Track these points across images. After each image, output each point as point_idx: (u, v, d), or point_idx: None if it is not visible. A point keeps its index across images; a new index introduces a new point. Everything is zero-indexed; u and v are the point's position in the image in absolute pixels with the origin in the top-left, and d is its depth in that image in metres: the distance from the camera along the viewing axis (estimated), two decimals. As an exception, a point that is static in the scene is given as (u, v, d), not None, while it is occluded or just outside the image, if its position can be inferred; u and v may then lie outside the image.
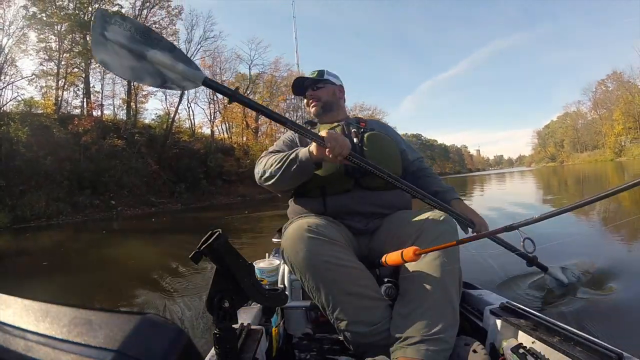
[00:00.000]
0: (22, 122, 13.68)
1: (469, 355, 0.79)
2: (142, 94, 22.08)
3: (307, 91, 1.31)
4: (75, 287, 2.91)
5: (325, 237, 0.88)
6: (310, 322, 1.04)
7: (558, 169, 36.41)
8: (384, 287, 0.91)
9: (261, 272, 1.35)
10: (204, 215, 10.77)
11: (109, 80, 21.06)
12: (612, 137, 43.76)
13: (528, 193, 8.80)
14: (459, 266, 0.89)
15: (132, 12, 20.67)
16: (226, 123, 27.95)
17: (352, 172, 1.07)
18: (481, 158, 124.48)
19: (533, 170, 43.15)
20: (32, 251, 5.87)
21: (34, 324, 0.23)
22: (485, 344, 0.86)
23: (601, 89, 46.83)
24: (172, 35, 22.54)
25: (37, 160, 12.86)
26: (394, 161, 1.16)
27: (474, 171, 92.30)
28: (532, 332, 0.75)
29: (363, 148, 1.11)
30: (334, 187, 1.08)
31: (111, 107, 21.51)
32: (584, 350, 0.65)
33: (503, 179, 16.34)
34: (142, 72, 0.87)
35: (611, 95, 44.68)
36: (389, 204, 1.10)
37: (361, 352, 0.86)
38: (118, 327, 0.22)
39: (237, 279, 0.64)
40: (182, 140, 22.00)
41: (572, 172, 21.18)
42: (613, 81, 44.19)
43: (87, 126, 15.90)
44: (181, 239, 5.32)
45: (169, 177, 17.75)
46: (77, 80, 19.13)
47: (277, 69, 30.07)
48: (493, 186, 13.12)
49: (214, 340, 0.64)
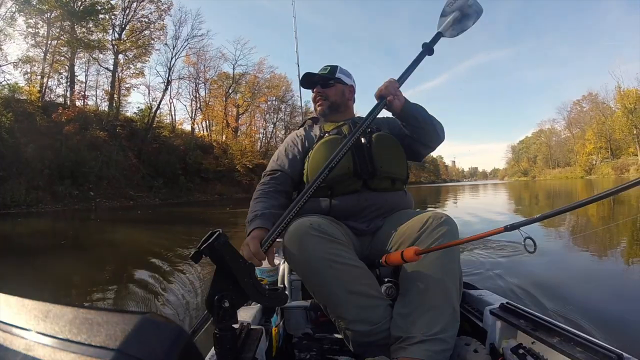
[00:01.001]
0: (5, 107, 13.57)
1: (469, 355, 0.79)
2: (125, 86, 22.13)
3: (316, 87, 1.28)
4: (104, 258, 3.74)
5: (328, 235, 0.88)
6: (310, 322, 1.04)
7: (530, 183, 38.31)
8: (385, 287, 0.91)
9: (261, 272, 1.35)
10: (186, 210, 11.17)
11: (94, 70, 21.13)
12: (584, 155, 45.29)
13: (500, 204, 9.44)
14: (459, 266, 0.89)
15: (121, 4, 20.65)
16: (207, 121, 27.97)
17: (360, 173, 1.07)
18: (456, 169, 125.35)
19: (506, 183, 45.53)
20: (43, 233, 6.31)
21: (34, 323, 0.23)
22: (485, 344, 0.86)
23: (576, 109, 48.69)
24: (159, 29, 22.55)
25: (19, 147, 12.82)
26: (400, 162, 1.14)
27: (448, 181, 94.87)
28: (532, 333, 0.75)
29: (371, 149, 1.10)
30: (342, 187, 1.07)
31: (94, 98, 21.52)
32: (584, 351, 0.64)
33: (477, 190, 16.72)
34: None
35: (585, 115, 46.45)
36: (392, 204, 1.10)
37: (361, 352, 0.86)
38: (118, 326, 0.22)
39: (237, 279, 0.64)
40: (162, 135, 22.07)
41: (544, 186, 22.24)
42: (589, 102, 45.92)
43: (71, 116, 15.88)
44: (170, 229, 6.23)
45: (148, 172, 17.88)
46: (61, 69, 19.05)
47: (261, 71, 30.15)
48: (466, 197, 13.47)
49: (214, 340, 0.63)
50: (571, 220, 4.96)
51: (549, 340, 0.70)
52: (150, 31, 22.29)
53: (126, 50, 21.80)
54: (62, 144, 14.48)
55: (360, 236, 1.06)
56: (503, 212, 7.06)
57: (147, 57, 22.48)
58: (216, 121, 28.43)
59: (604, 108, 42.11)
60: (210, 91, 28.39)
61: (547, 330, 0.74)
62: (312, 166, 1.10)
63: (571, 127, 50.17)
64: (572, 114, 49.18)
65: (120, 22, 21.22)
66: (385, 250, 0.98)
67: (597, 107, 42.84)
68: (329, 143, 1.11)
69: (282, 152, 1.22)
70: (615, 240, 3.53)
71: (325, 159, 1.04)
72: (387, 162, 1.09)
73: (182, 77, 25.49)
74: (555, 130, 56.76)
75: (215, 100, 28.66)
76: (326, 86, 1.26)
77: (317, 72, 1.29)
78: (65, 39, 18.27)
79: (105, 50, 20.88)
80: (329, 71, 1.27)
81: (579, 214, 5.27)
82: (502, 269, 2.44)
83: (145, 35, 22.17)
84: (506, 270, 2.41)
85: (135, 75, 22.45)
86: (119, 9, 20.69)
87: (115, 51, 21.20)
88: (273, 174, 1.17)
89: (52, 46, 18.10)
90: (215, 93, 28.68)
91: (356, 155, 1.08)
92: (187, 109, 27.67)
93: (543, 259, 2.67)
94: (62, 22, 18.01)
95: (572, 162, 50.26)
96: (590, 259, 2.88)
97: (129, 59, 22.10)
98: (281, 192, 1.14)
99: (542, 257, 2.70)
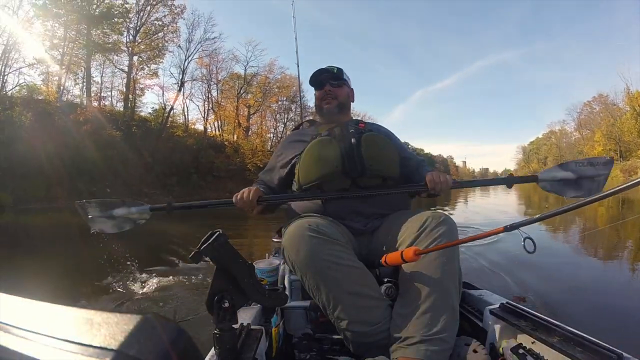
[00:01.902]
0: (24, 107, 14.23)
1: (469, 355, 0.79)
2: (139, 87, 22.61)
3: (326, 85, 1.27)
4: (147, 243, 4.10)
5: (326, 236, 0.88)
6: (310, 322, 1.03)
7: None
8: (384, 287, 0.91)
9: (261, 272, 1.35)
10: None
11: (109, 71, 21.67)
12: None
13: (510, 204, 9.54)
14: (459, 266, 0.89)
15: (135, 8, 21.11)
16: (219, 120, 28.51)
17: (349, 172, 1.07)
18: (467, 170, 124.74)
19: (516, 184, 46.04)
20: (67, 225, 6.51)
21: (34, 324, 0.23)
22: (485, 344, 0.86)
23: (587, 110, 48.20)
24: (173, 32, 23.00)
25: (39, 145, 13.31)
26: (390, 162, 1.14)
27: None
28: (532, 333, 0.75)
29: (360, 149, 1.10)
30: (332, 187, 1.08)
31: (109, 99, 22.19)
32: (584, 351, 0.64)
33: (487, 190, 16.83)
34: (120, 224, 1.23)
35: (595, 116, 45.99)
36: (387, 203, 1.10)
37: (361, 352, 0.86)
38: (118, 327, 0.22)
39: (237, 279, 0.64)
40: (175, 135, 22.53)
41: None
42: (599, 103, 45.52)
43: (88, 116, 16.56)
44: (189, 221, 6.28)
45: (162, 170, 18.33)
46: (78, 70, 19.68)
47: (272, 71, 30.51)
48: (476, 197, 13.53)
49: (214, 340, 0.63)
50: (579, 219, 4.93)
51: (549, 340, 0.70)
52: (164, 34, 22.82)
53: (140, 52, 22.32)
54: (79, 143, 14.99)
55: (359, 236, 1.06)
56: (511, 211, 7.29)
57: (161, 58, 23.05)
58: (228, 121, 28.96)
59: (613, 110, 41.76)
60: (222, 92, 28.95)
61: (547, 330, 0.74)
62: (302, 167, 1.12)
63: (581, 128, 49.62)
64: (582, 115, 48.41)
65: (135, 24, 21.70)
66: (384, 250, 0.98)
67: (606, 109, 42.52)
68: (320, 144, 1.12)
69: (272, 164, 1.29)
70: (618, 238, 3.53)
71: (315, 159, 1.09)
72: (376, 161, 1.09)
73: (195, 78, 25.99)
74: (565, 131, 56.04)
75: (227, 101, 29.24)
76: (336, 85, 1.27)
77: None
78: (82, 42, 18.91)
79: (120, 52, 21.47)
80: (337, 71, 1.28)
81: (583, 214, 5.25)
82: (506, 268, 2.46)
83: (158, 38, 22.69)
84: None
85: (149, 76, 22.99)
86: (133, 12, 21.18)
87: (130, 53, 21.70)
88: (262, 180, 1.29)
89: (70, 48, 18.68)
90: (227, 94, 29.27)
91: (345, 154, 1.08)
92: (199, 109, 27.97)
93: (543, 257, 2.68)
94: (79, 25, 18.60)
95: (582, 164, 50.37)
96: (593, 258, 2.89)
97: (143, 60, 22.62)
98: (267, 189, 1.23)
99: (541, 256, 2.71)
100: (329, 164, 1.06)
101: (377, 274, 0.96)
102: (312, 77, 1.29)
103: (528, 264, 2.52)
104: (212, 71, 26.92)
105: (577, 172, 1.11)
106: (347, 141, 1.10)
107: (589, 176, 1.10)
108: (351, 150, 1.09)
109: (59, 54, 18.31)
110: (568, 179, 1.11)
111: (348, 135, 1.13)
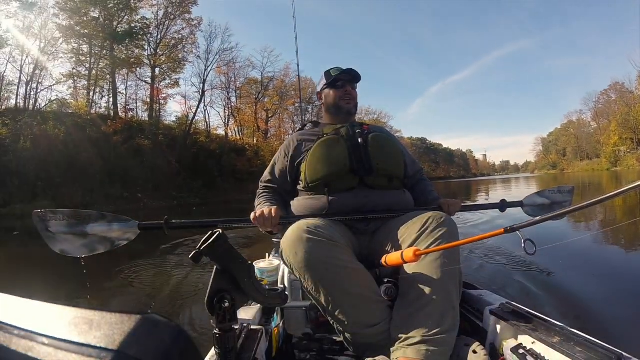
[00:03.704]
0: (57, 121, 15.71)
1: (469, 355, 0.79)
2: (162, 96, 23.83)
3: (346, 86, 1.30)
4: (146, 241, 3.95)
5: (325, 238, 0.88)
6: (310, 322, 1.03)
7: (558, 176, 37.94)
8: (384, 287, 0.91)
9: (261, 272, 1.35)
10: (228, 205, 12.99)
11: (133, 83, 22.91)
12: (609, 147, 44.81)
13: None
14: (460, 267, 0.89)
15: (154, 22, 22.27)
16: (239, 125, 29.69)
17: (357, 170, 1.09)
18: (487, 163, 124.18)
19: (536, 176, 44.97)
20: None
21: (34, 324, 0.23)
22: (485, 344, 0.86)
23: (603, 99, 47.64)
24: (191, 44, 24.19)
25: (73, 156, 14.88)
26: (396, 161, 1.18)
27: (478, 176, 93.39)
28: (532, 333, 0.75)
29: (368, 148, 1.13)
30: (339, 184, 1.09)
31: (135, 109, 23.49)
32: (584, 351, 0.64)
33: (508, 183, 16.80)
34: (93, 245, 1.02)
35: (612, 105, 45.43)
36: (390, 203, 1.10)
37: (361, 353, 0.86)
38: (118, 327, 0.22)
39: (237, 279, 0.64)
40: (199, 141, 23.82)
41: (572, 179, 22.19)
42: (615, 92, 44.90)
43: (118, 127, 18.09)
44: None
45: (188, 174, 19.62)
46: (103, 83, 21.05)
47: (287, 75, 31.56)
48: (498, 190, 13.62)
49: (214, 340, 0.63)
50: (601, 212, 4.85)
51: (549, 340, 0.70)
52: (183, 45, 23.96)
53: (162, 64, 23.41)
54: (110, 152, 16.66)
55: (360, 235, 1.06)
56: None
57: (181, 69, 24.23)
58: (247, 125, 30.06)
59: (628, 98, 40.90)
60: (241, 97, 30.10)
61: (547, 330, 0.74)
62: (309, 165, 1.13)
63: (598, 118, 48.99)
64: (599, 104, 47.99)
65: (155, 38, 22.83)
66: (384, 250, 0.98)
67: (622, 98, 41.89)
68: (327, 142, 1.14)
69: (274, 165, 1.29)
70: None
71: (323, 158, 1.10)
72: (383, 161, 1.12)
73: (215, 87, 27.08)
74: (583, 121, 55.37)
75: (246, 106, 30.39)
76: (354, 87, 1.32)
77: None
78: (107, 58, 20.21)
79: (142, 65, 22.66)
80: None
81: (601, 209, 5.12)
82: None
83: (178, 49, 23.84)
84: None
85: (171, 86, 24.18)
86: (152, 26, 22.30)
87: (151, 65, 22.76)
88: (266, 186, 1.29)
89: (95, 64, 20.05)
90: (246, 99, 30.34)
91: (353, 153, 1.10)
92: (220, 115, 29.85)
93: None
94: (104, 42, 19.89)
95: (600, 154, 49.53)
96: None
97: (164, 71, 23.76)
98: (277, 199, 1.24)
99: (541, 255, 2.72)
100: (337, 163, 1.09)
101: (377, 274, 0.96)
102: (336, 77, 1.29)
103: (528, 264, 2.52)
104: (230, 78, 28.15)
105: (550, 198, 1.45)
106: (355, 141, 1.13)
107: (558, 202, 1.45)
108: (358, 149, 1.11)
109: (86, 69, 19.77)
110: (544, 204, 1.44)
111: (355, 135, 1.15)
